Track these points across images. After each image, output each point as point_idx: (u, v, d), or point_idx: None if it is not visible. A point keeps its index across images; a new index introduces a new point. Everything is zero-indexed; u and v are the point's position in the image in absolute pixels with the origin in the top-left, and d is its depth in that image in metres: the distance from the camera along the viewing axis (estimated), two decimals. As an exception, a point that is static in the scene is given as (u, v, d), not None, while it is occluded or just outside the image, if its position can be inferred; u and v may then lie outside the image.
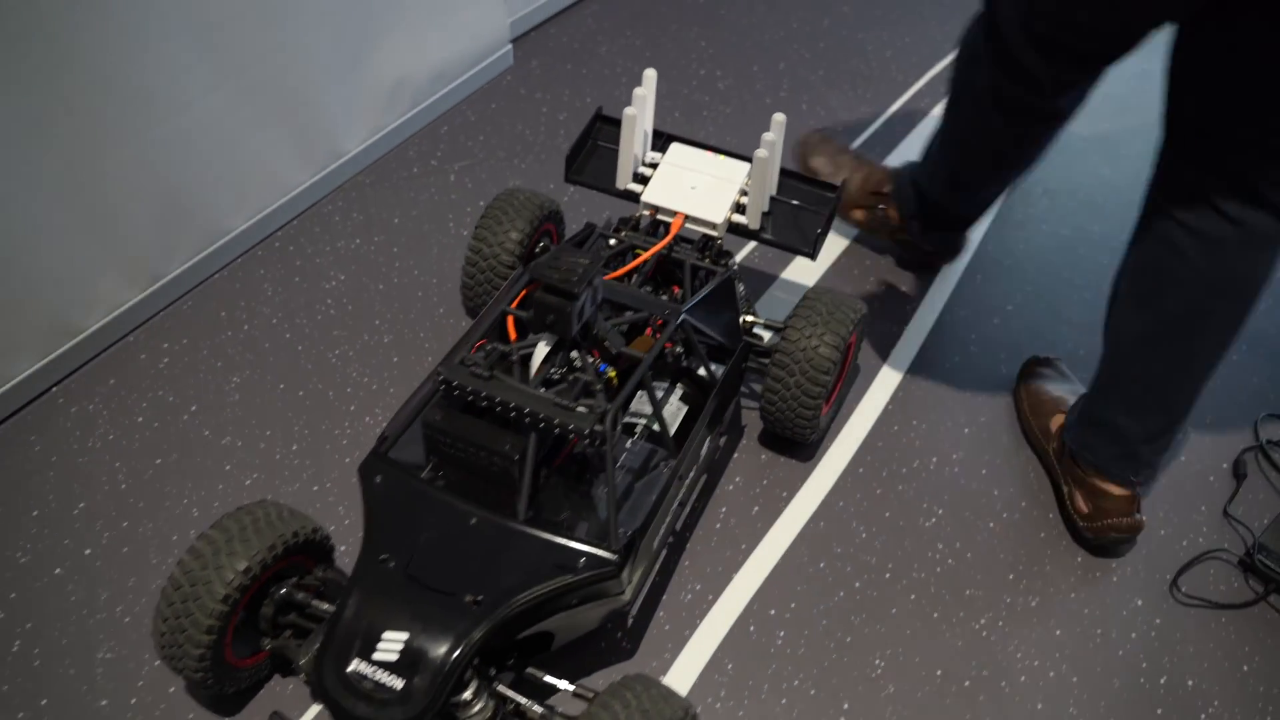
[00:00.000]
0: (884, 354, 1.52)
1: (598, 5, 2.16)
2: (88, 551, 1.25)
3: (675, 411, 1.22)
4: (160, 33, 1.35)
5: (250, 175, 1.58)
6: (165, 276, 1.52)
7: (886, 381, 1.48)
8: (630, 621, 1.20)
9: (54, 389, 1.42)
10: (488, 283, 1.40)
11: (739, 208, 1.35)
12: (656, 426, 1.15)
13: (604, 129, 1.45)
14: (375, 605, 0.98)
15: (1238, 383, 1.49)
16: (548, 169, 1.79)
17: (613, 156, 1.38)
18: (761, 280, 1.61)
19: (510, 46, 1.97)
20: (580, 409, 1.03)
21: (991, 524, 1.32)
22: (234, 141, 1.52)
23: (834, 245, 1.68)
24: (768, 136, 1.28)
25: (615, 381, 1.13)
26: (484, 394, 1.04)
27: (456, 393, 1.05)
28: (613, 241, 1.32)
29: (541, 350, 1.08)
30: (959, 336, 1.55)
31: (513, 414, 1.03)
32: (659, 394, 1.23)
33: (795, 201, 1.37)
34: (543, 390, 1.06)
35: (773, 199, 1.37)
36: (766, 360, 1.31)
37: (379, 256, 1.63)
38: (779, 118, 1.30)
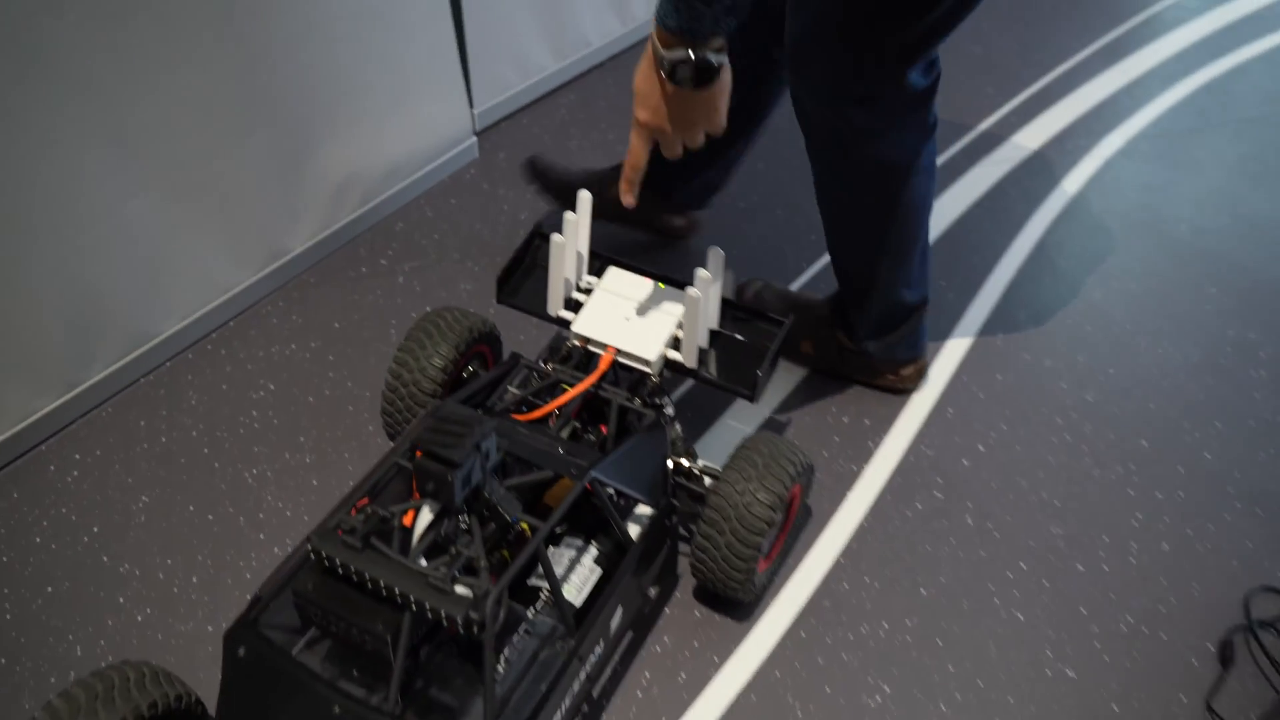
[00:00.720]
0: (839, 497, 1.40)
1: (572, 95, 2.09)
2: (-49, 697, 1.16)
3: (586, 575, 1.11)
4: (76, 135, 1.29)
5: (181, 277, 1.51)
6: (83, 383, 1.45)
7: (839, 530, 1.37)
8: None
9: (-52, 505, 1.35)
10: (407, 410, 1.30)
11: (676, 342, 1.25)
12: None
13: (541, 247, 1.36)
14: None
15: (1229, 547, 1.36)
16: (503, 272, 1.70)
17: (547, 280, 1.28)
18: (703, 418, 1.51)
19: (475, 139, 1.90)
20: (459, 590, 0.92)
21: (943, 707, 1.19)
22: (162, 244, 1.45)
23: (789, 376, 1.57)
24: (702, 273, 1.18)
25: (527, 532, 1.03)
26: (353, 568, 0.93)
27: (326, 564, 0.95)
28: (547, 368, 1.22)
29: (425, 518, 0.98)
30: (923, 479, 1.43)
31: (384, 593, 0.92)
32: (572, 552, 1.12)
33: (739, 336, 1.27)
34: (423, 563, 0.95)
35: (714, 332, 1.27)
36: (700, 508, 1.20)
37: (313, 365, 1.55)
38: (716, 252, 1.20)
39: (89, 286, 1.39)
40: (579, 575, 1.11)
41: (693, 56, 0.97)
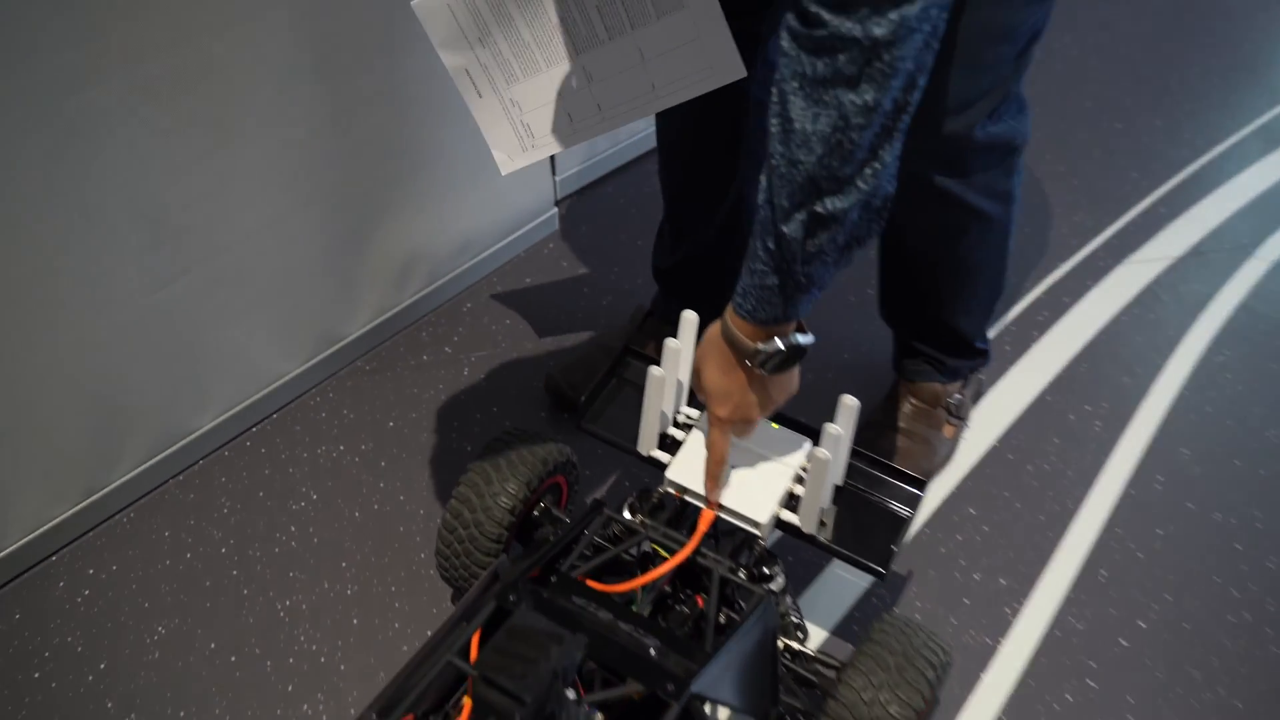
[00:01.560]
0: (971, 679, 1.17)
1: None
2: None
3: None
4: (113, 211, 1.12)
5: (219, 368, 1.33)
6: (103, 488, 1.28)
7: (974, 717, 1.14)
8: None
9: (-59, 628, 1.18)
10: (466, 556, 1.11)
11: (792, 499, 1.04)
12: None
13: (632, 365, 1.16)
14: None
15: None
16: (581, 368, 1.50)
17: (639, 404, 1.08)
18: (800, 561, 1.28)
19: (555, 210, 1.71)
20: None
21: None
22: (200, 332, 1.28)
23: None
24: (832, 429, 0.97)
25: None
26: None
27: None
28: (634, 521, 1.02)
29: (482, 756, 0.77)
30: (1073, 663, 1.19)
31: None
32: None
33: (868, 493, 1.06)
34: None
35: (839, 488, 1.06)
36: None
37: (362, 472, 1.36)
38: (849, 402, 0.99)
39: (117, 379, 1.22)
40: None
41: (783, 347, 0.90)
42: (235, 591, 1.23)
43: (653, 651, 0.88)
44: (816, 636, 1.20)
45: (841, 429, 0.98)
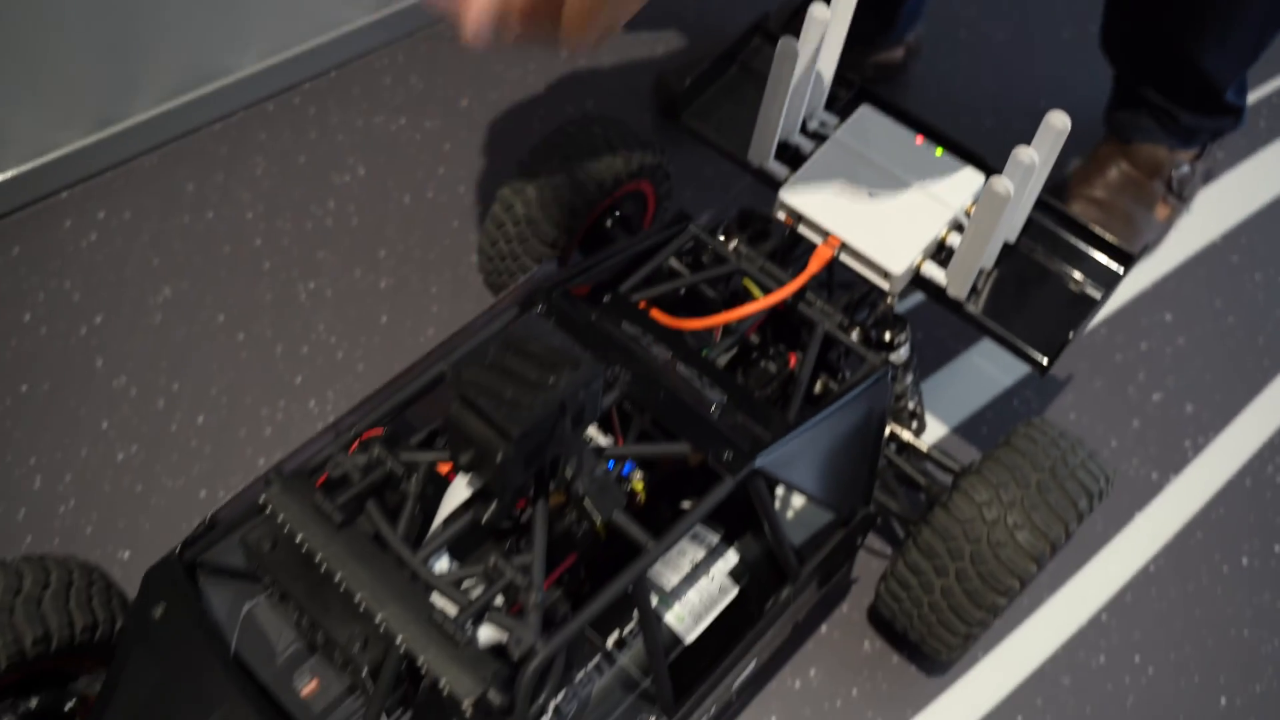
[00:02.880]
0: (1126, 515, 0.92)
1: None
2: None
3: (712, 596, 0.70)
4: None
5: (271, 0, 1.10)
6: (121, 121, 1.08)
7: (1116, 566, 0.90)
8: None
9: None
10: (513, 259, 0.89)
11: (941, 251, 0.77)
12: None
13: (763, 51, 0.88)
14: None
15: None
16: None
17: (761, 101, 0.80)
18: (933, 337, 1.02)
19: None
20: (483, 639, 0.53)
21: None
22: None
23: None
24: (1024, 155, 0.68)
25: (642, 498, 0.64)
26: (322, 560, 0.55)
27: (283, 528, 0.57)
28: (728, 247, 0.78)
29: (455, 497, 0.57)
30: (1260, 521, 0.93)
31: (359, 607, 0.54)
32: (699, 550, 0.71)
33: (1045, 261, 0.78)
34: (439, 568, 0.56)
35: (1010, 246, 0.78)
36: (907, 522, 0.76)
37: (422, 152, 1.14)
38: (1056, 122, 0.69)
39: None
40: (700, 593, 0.70)
41: None
42: (255, 263, 1.05)
43: (715, 408, 0.65)
44: (934, 431, 0.96)
45: (1036, 156, 0.69)
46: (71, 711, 0.67)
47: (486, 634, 0.54)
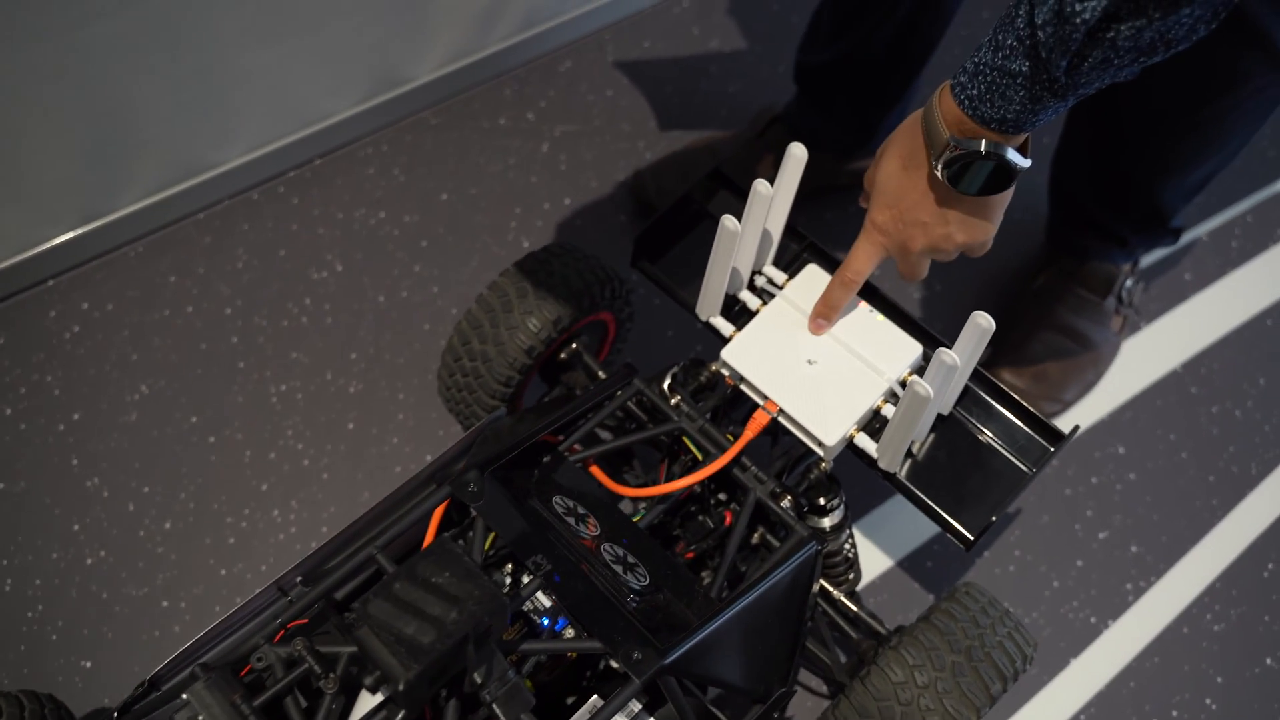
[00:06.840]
0: (1056, 661, 0.94)
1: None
2: None
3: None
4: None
5: (258, 95, 1.12)
6: (105, 216, 1.11)
7: (1052, 709, 0.92)
8: None
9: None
10: (468, 392, 0.91)
11: (876, 419, 0.79)
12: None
13: (720, 194, 0.89)
14: None
15: None
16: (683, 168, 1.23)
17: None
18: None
19: (696, -38, 1.37)
20: None
21: None
22: (218, 53, 1.06)
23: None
24: (946, 357, 0.70)
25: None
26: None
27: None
28: (670, 401, 0.80)
29: (368, 701, 0.60)
30: (1195, 672, 0.94)
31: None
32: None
33: (978, 431, 0.79)
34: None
35: (943, 417, 0.80)
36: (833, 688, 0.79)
37: (399, 249, 1.16)
38: (981, 323, 0.71)
39: (117, 90, 1.02)
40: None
41: (984, 150, 0.64)
42: (230, 362, 1.08)
43: (633, 599, 0.67)
44: (878, 565, 0.98)
45: (959, 357, 0.70)
46: None
47: None
